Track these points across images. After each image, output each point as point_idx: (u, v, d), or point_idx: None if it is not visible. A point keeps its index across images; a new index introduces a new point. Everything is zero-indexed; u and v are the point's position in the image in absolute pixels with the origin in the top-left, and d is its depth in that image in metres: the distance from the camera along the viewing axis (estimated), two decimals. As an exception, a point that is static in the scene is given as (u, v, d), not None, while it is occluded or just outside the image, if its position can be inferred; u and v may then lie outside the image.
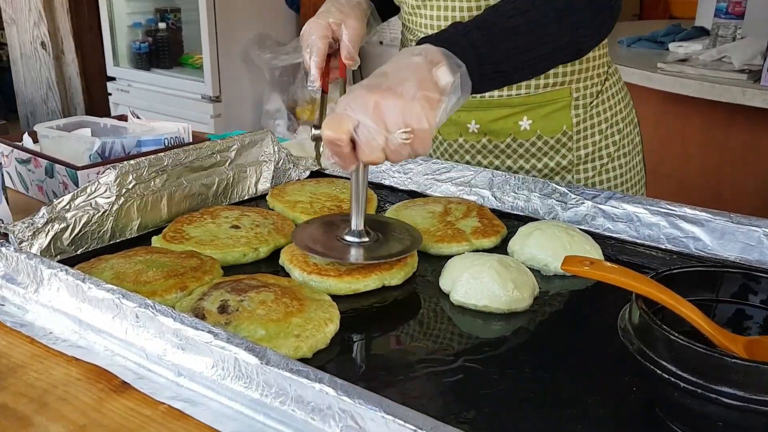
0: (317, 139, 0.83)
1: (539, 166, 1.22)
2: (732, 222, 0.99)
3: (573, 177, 1.23)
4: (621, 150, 1.26)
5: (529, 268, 0.92)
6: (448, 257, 0.97)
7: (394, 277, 0.91)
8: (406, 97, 0.76)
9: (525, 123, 1.19)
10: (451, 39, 0.84)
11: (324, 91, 1.05)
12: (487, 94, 1.17)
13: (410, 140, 0.77)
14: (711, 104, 2.11)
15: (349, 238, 0.94)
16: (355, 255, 0.92)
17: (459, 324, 0.84)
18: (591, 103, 1.21)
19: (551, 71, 1.17)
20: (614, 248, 1.02)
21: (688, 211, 1.01)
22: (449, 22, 1.11)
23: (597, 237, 1.03)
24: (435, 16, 1.15)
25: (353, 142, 0.77)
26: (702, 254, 0.99)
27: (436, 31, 1.12)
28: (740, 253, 0.97)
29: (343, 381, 0.59)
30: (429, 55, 0.81)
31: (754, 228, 0.97)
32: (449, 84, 0.79)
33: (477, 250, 1.01)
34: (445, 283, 0.89)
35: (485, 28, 0.85)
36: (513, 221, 1.10)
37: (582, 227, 1.06)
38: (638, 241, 1.04)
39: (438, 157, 1.27)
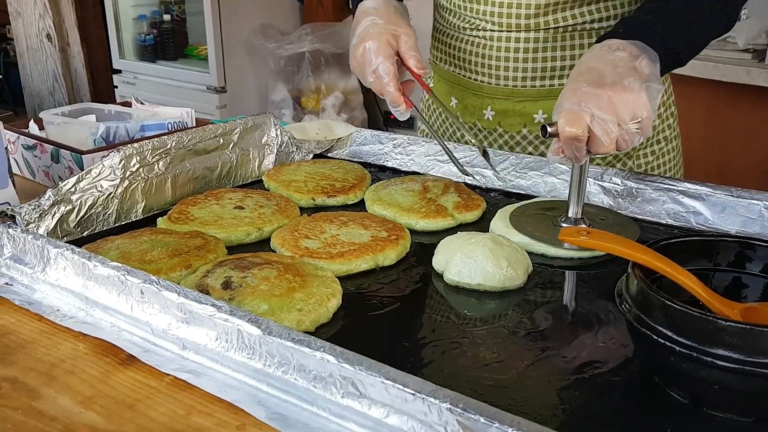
0: (553, 136, 0.85)
1: (602, 166, 1.17)
2: (732, 196, 0.99)
3: (633, 163, 1.21)
4: (674, 131, 1.26)
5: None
6: (435, 233, 0.99)
7: (387, 257, 0.91)
8: (634, 90, 0.83)
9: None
10: (640, 32, 0.90)
11: (411, 108, 1.05)
12: (556, 83, 1.17)
13: (640, 129, 0.84)
14: (715, 84, 2.10)
15: (566, 225, 0.96)
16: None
17: (453, 304, 0.84)
18: None
19: None
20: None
21: (689, 186, 1.02)
22: (521, 10, 1.11)
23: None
24: (506, 3, 1.12)
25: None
26: (703, 228, 0.99)
27: (505, 18, 1.14)
28: (741, 226, 0.97)
29: (342, 349, 0.61)
30: (627, 49, 0.87)
31: (754, 201, 0.98)
32: (653, 74, 0.86)
33: (461, 225, 1.04)
34: (438, 262, 0.90)
35: (666, 21, 0.92)
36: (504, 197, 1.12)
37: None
38: (639, 216, 1.04)
39: (497, 149, 1.22)
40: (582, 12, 1.12)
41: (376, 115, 3.60)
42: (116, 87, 3.64)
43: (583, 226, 0.94)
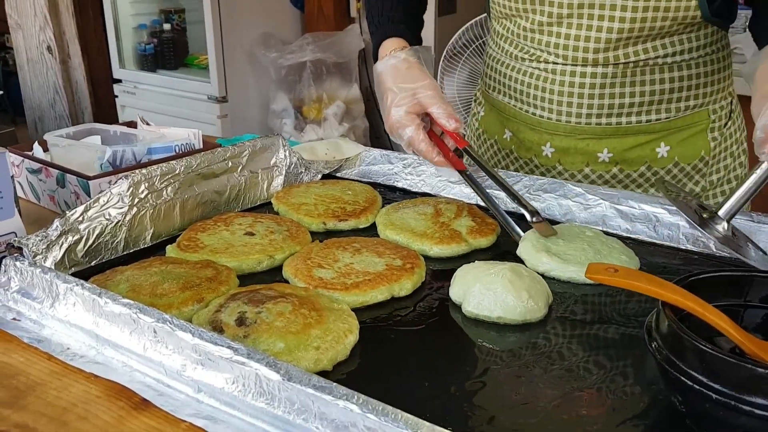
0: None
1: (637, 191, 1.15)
2: (753, 221, 0.97)
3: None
4: (745, 169, 1.20)
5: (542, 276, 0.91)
6: (449, 259, 0.97)
7: (403, 287, 0.89)
8: None
9: (662, 150, 1.12)
10: None
11: (463, 169, 1.05)
12: (624, 120, 1.11)
13: None
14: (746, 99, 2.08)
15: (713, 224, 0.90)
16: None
17: (473, 337, 0.82)
18: (725, 124, 1.15)
19: (692, 92, 1.11)
20: (633, 249, 1.00)
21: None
22: (590, 44, 1.06)
23: (615, 237, 1.01)
24: (574, 35, 1.06)
25: None
26: (723, 255, 0.98)
27: (571, 51, 1.07)
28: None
29: (367, 397, 0.58)
30: None
31: (776, 227, 0.96)
32: None
33: (475, 250, 1.01)
34: (455, 293, 0.87)
35: None
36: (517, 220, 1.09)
37: (600, 228, 1.05)
38: (657, 241, 1.02)
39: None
40: (651, 47, 1.06)
41: (378, 124, 3.59)
42: (116, 96, 3.62)
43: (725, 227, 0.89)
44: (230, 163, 1.14)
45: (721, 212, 0.90)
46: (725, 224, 0.89)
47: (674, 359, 0.62)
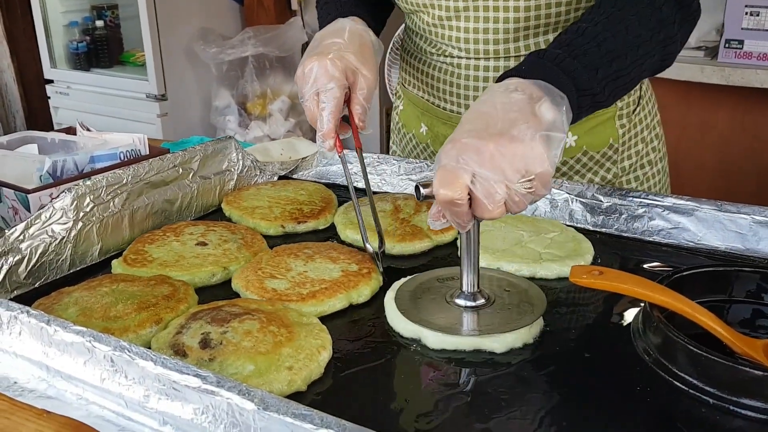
0: (427, 198, 0.71)
1: (583, 182, 1.12)
2: (719, 210, 0.97)
3: None
4: (659, 153, 1.19)
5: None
6: (411, 256, 0.96)
7: (361, 294, 0.86)
8: (524, 140, 0.67)
9: (570, 140, 1.09)
10: (545, 70, 0.75)
11: (341, 152, 0.93)
12: None
13: (533, 188, 0.68)
14: (668, 83, 2.11)
15: (460, 301, 0.81)
16: (469, 324, 0.79)
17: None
18: (633, 111, 1.12)
19: None
20: (604, 244, 0.99)
21: (674, 201, 0.99)
22: (489, 35, 1.02)
23: (583, 232, 1.00)
24: (472, 28, 1.03)
25: (469, 198, 0.68)
26: (691, 245, 0.97)
27: (472, 44, 1.05)
28: (731, 242, 0.95)
29: (350, 424, 0.54)
30: (527, 89, 0.72)
31: (742, 215, 0.95)
32: (556, 120, 0.70)
33: (438, 246, 1.00)
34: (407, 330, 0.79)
35: (579, 55, 0.76)
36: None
37: (567, 223, 1.04)
38: (626, 234, 1.01)
39: None
40: (552, 38, 1.02)
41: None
42: (49, 98, 3.47)
43: (482, 300, 0.80)
44: (181, 170, 1.08)
45: (463, 288, 0.81)
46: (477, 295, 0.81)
47: (664, 362, 0.60)
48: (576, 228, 1.01)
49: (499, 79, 0.76)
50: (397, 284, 0.87)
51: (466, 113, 0.73)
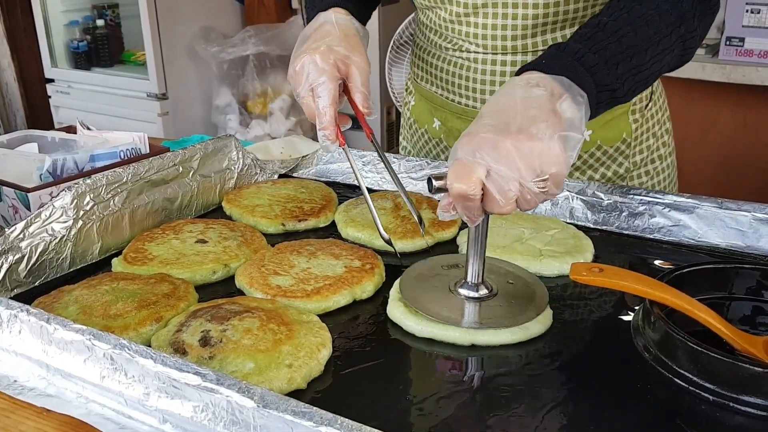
0: (440, 191, 0.70)
1: (596, 176, 1.12)
2: (720, 207, 0.97)
3: (627, 184, 1.14)
4: (668, 148, 1.19)
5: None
6: (412, 254, 0.96)
7: (365, 290, 0.86)
8: (543, 140, 0.67)
9: (585, 134, 1.08)
10: (566, 65, 0.73)
11: (343, 145, 0.91)
12: None
13: (546, 188, 0.68)
14: (669, 80, 2.10)
15: (463, 291, 0.82)
16: (471, 316, 0.80)
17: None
18: (646, 106, 1.12)
19: None
20: (605, 241, 0.99)
21: (675, 198, 0.99)
22: (507, 32, 1.02)
23: (584, 229, 1.00)
24: (490, 24, 1.02)
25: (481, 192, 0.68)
26: (692, 242, 0.97)
27: (489, 41, 1.04)
28: (732, 239, 0.95)
29: (350, 421, 0.54)
30: (549, 85, 0.71)
31: (742, 213, 0.96)
32: (575, 120, 0.70)
33: (438, 243, 1.00)
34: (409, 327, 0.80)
35: (600, 50, 0.75)
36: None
37: (567, 220, 1.03)
38: (626, 231, 1.01)
39: None
40: (570, 33, 1.03)
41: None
42: (50, 97, 3.47)
43: (485, 291, 0.81)
44: (181, 168, 1.08)
45: (468, 278, 0.81)
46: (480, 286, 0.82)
47: (665, 359, 0.60)
48: (576, 225, 1.01)
49: (519, 72, 0.75)
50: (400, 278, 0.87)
51: (485, 106, 0.72)
